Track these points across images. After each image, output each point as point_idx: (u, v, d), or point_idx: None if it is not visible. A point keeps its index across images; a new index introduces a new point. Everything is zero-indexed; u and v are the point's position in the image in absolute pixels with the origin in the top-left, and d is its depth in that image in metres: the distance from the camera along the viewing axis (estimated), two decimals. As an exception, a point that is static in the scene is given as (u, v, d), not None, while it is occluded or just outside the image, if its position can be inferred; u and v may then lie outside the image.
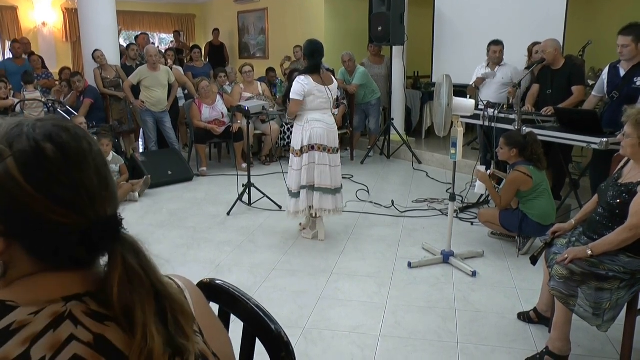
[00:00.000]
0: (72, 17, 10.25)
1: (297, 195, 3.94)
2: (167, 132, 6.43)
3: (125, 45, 7.94)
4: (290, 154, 4.03)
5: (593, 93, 4.31)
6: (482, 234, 4.15)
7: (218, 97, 6.46)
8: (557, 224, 2.73)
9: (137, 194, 5.16)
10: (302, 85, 3.80)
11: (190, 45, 9.56)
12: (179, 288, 0.83)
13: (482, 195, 4.84)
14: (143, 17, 11.68)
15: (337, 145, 4.00)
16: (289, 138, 4.26)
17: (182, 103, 7.18)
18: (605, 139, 3.62)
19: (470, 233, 4.21)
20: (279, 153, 6.94)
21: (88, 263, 0.75)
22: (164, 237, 4.17)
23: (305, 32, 7.70)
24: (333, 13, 8.43)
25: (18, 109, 5.95)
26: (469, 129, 7.41)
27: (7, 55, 9.64)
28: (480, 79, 5.31)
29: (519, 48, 5.47)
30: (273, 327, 1.00)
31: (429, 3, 7.00)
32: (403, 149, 7.00)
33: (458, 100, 3.46)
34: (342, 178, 4.14)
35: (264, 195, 4.91)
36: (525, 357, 2.48)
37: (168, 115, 6.43)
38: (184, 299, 0.80)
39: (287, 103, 3.99)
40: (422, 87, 8.52)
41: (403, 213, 4.73)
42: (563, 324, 2.37)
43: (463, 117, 3.95)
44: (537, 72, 4.91)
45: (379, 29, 6.69)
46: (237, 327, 1.10)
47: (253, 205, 4.90)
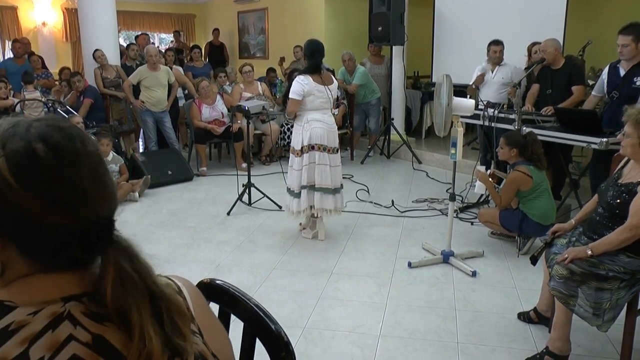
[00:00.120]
0: (72, 17, 10.25)
1: (298, 196, 3.95)
2: (167, 132, 6.43)
3: (125, 45, 7.93)
4: (290, 154, 4.03)
5: (593, 93, 4.31)
6: (482, 234, 4.15)
7: (218, 97, 6.46)
8: (557, 224, 2.73)
9: (137, 194, 5.16)
10: (301, 85, 3.80)
11: (190, 45, 9.55)
12: (177, 289, 0.83)
13: (482, 195, 4.84)
14: (143, 17, 11.68)
15: (337, 145, 4.00)
16: (289, 138, 4.26)
17: (182, 103, 7.18)
18: (605, 139, 3.62)
19: (470, 233, 4.21)
20: (279, 153, 6.94)
21: (86, 263, 0.75)
22: (164, 237, 4.17)
23: (305, 32, 7.69)
24: (333, 13, 8.43)
25: (18, 109, 5.95)
26: (469, 129, 7.41)
27: (7, 55, 9.66)
28: (480, 78, 5.30)
29: (519, 48, 5.47)
30: (273, 327, 1.00)
31: (429, 3, 7.00)
32: (403, 149, 7.00)
33: (458, 100, 3.46)
34: (342, 178, 4.15)
35: (264, 195, 4.91)
36: (525, 357, 2.48)
37: (168, 115, 6.43)
38: (181, 300, 0.79)
39: (287, 103, 3.98)
40: (422, 87, 8.52)
41: (403, 213, 4.73)
42: (563, 324, 2.37)
43: (463, 117, 3.94)
44: (536, 72, 4.91)
45: (379, 29, 6.69)
46: (237, 327, 1.10)
47: (253, 205, 4.90)
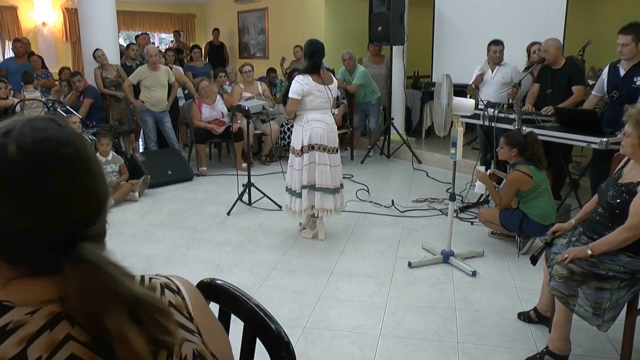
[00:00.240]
0: (72, 17, 10.25)
1: (299, 195, 3.94)
2: (167, 132, 6.43)
3: (125, 45, 7.93)
4: (290, 154, 4.03)
5: (593, 93, 4.31)
6: (482, 234, 4.15)
7: (218, 96, 6.46)
8: (557, 224, 2.73)
9: (137, 194, 5.16)
10: (301, 85, 3.79)
11: (190, 45, 9.55)
12: (176, 288, 0.82)
13: (482, 195, 4.84)
14: (143, 17, 11.68)
15: (337, 145, 3.99)
16: (289, 138, 4.26)
17: (182, 103, 7.18)
18: (605, 139, 3.62)
19: (470, 233, 4.21)
20: (279, 153, 6.94)
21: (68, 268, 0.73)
22: (164, 237, 4.17)
23: (305, 32, 7.69)
24: (333, 13, 8.43)
25: (18, 109, 5.95)
26: (469, 129, 7.41)
27: (7, 55, 9.66)
28: (480, 77, 5.30)
29: (519, 48, 5.47)
30: (273, 327, 1.00)
31: (429, 3, 6.99)
32: (403, 149, 7.00)
33: (458, 100, 3.46)
34: (342, 177, 4.14)
35: (264, 195, 4.91)
36: (525, 356, 2.48)
37: (168, 115, 6.42)
38: (160, 298, 0.77)
39: (286, 102, 3.98)
40: (422, 86, 8.52)
41: (403, 213, 4.73)
42: (563, 324, 2.37)
43: (463, 116, 3.94)
44: (536, 72, 4.91)
45: (379, 29, 6.69)
46: (237, 327, 1.10)
47: (253, 205, 4.90)
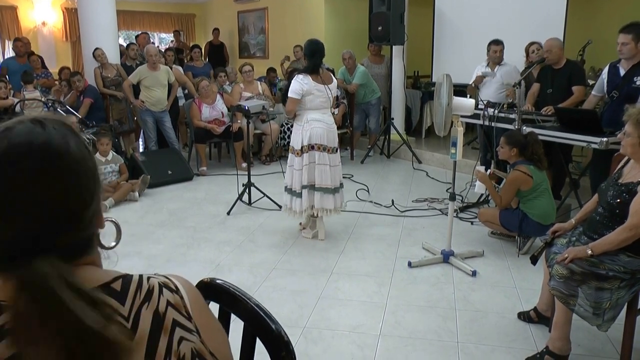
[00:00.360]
0: (72, 16, 10.25)
1: (300, 195, 3.94)
2: (167, 131, 6.43)
3: (125, 45, 7.92)
4: (290, 154, 4.02)
5: (593, 92, 4.31)
6: (482, 234, 4.15)
7: (218, 96, 6.46)
8: (557, 224, 2.73)
9: (137, 194, 5.15)
10: (300, 84, 3.79)
11: (190, 45, 9.55)
12: (174, 288, 0.81)
13: (482, 195, 4.84)
14: (143, 16, 11.68)
15: (336, 145, 3.99)
16: (289, 137, 4.26)
17: (182, 103, 7.17)
18: (605, 139, 3.62)
19: (470, 233, 4.21)
20: (279, 152, 6.94)
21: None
22: (164, 236, 4.17)
23: (305, 32, 7.69)
24: (333, 13, 8.43)
25: (18, 109, 5.95)
26: (469, 129, 7.41)
27: (7, 55, 9.65)
28: (480, 77, 5.30)
29: (519, 48, 5.46)
30: (273, 326, 1.00)
31: (429, 3, 6.99)
32: (403, 149, 7.00)
33: (458, 100, 3.46)
34: (342, 177, 4.14)
35: (264, 195, 4.91)
36: (526, 356, 2.48)
37: (168, 115, 6.42)
38: (120, 337, 0.68)
39: (286, 101, 3.98)
40: (422, 86, 8.52)
41: (403, 212, 4.73)
42: (563, 324, 2.37)
43: (463, 116, 3.94)
44: (536, 72, 4.91)
45: (379, 29, 6.69)
46: (237, 326, 1.10)
47: (253, 205, 4.90)
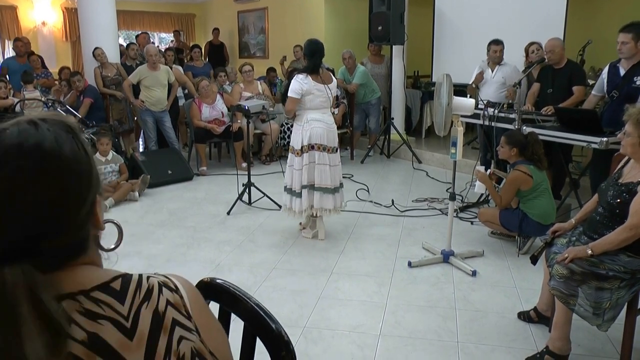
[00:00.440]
0: (71, 16, 10.25)
1: (299, 195, 3.94)
2: (167, 131, 6.43)
3: (125, 45, 7.93)
4: (290, 153, 4.02)
5: (593, 92, 4.31)
6: (482, 234, 4.15)
7: (218, 96, 6.46)
8: (557, 224, 2.73)
9: (137, 194, 5.16)
10: (300, 84, 3.79)
11: (190, 45, 9.55)
12: (174, 287, 0.81)
13: (482, 195, 4.84)
14: (143, 16, 11.68)
15: (336, 145, 3.99)
16: (289, 137, 4.26)
17: (182, 102, 7.18)
18: (605, 139, 3.62)
19: (470, 232, 4.21)
20: (279, 152, 6.94)
21: (66, 264, 0.74)
22: (164, 236, 4.17)
23: (305, 31, 7.69)
24: (333, 13, 8.43)
25: (18, 109, 5.95)
26: (469, 129, 7.41)
27: (7, 55, 9.65)
28: (480, 76, 5.30)
29: (519, 48, 5.46)
30: (273, 326, 1.00)
31: (429, 2, 6.99)
32: (403, 149, 7.00)
33: (458, 100, 3.46)
34: (342, 177, 4.14)
35: (264, 195, 4.91)
36: (526, 356, 2.48)
37: (168, 115, 6.42)
38: None
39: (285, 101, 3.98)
40: (422, 86, 8.52)
41: (403, 212, 4.73)
42: (563, 324, 2.37)
43: (463, 116, 3.94)
44: (536, 72, 4.91)
45: (379, 29, 6.69)
46: (237, 326, 1.10)
47: (253, 205, 4.90)
